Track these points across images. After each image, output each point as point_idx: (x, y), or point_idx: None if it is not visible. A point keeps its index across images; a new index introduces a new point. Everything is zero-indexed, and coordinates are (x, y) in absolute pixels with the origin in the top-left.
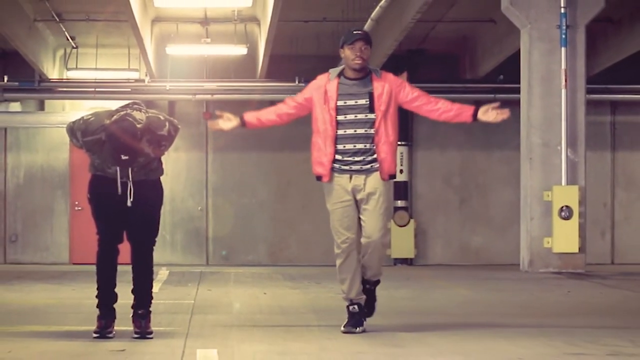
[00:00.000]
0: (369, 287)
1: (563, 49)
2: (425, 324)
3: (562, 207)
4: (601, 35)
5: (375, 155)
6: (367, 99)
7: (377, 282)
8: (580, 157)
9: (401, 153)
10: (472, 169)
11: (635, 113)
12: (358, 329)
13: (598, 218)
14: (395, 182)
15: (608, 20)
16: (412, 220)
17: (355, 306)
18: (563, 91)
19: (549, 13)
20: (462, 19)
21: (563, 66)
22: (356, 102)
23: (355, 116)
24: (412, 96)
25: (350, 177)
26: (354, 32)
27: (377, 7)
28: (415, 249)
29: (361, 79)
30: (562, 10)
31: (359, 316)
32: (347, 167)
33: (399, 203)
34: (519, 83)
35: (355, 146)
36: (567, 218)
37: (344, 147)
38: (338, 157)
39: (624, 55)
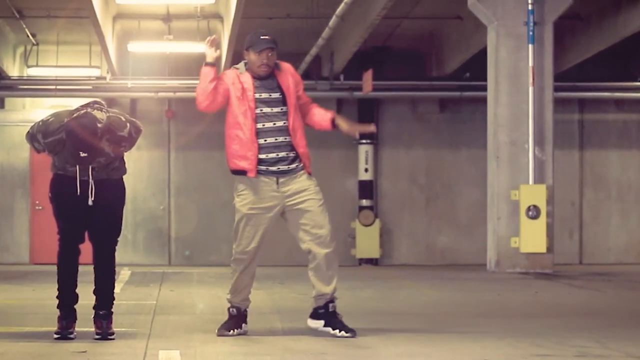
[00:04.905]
0: (332, 305)
1: (530, 46)
2: (391, 325)
3: (530, 206)
4: (569, 32)
5: (294, 151)
6: (280, 93)
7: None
8: (548, 155)
9: (366, 152)
10: (438, 167)
11: (603, 111)
12: (234, 331)
13: (566, 218)
14: (361, 181)
15: (576, 17)
16: (377, 220)
17: (234, 309)
18: (530, 89)
19: (516, 9)
20: (428, 16)
21: (530, 63)
22: (270, 95)
23: (272, 109)
24: (303, 97)
25: (277, 181)
26: (262, 37)
27: (342, 4)
28: (380, 249)
29: (267, 77)
30: (530, 7)
31: (237, 319)
32: (274, 168)
33: (364, 202)
34: (486, 81)
35: (276, 139)
36: (534, 218)
37: (265, 141)
38: (261, 155)
39: (592, 52)
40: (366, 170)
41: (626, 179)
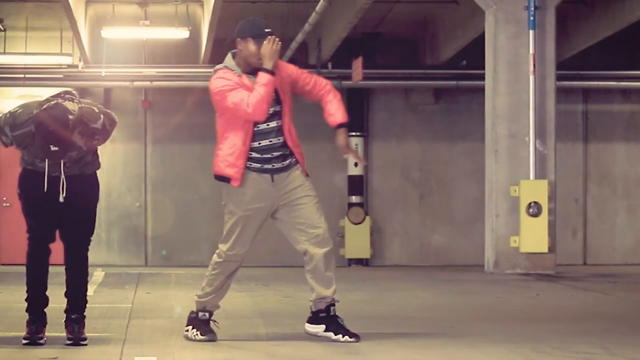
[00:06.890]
0: (333, 308)
1: (531, 31)
2: (382, 330)
3: (530, 203)
4: (573, 17)
5: (289, 150)
6: (274, 92)
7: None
8: (549, 149)
9: (356, 144)
10: (433, 161)
11: (609, 101)
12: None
13: (569, 215)
14: (350, 177)
15: (580, 1)
16: (367, 218)
17: (207, 314)
18: (531, 78)
19: None
20: (421, 0)
21: (531, 50)
22: None
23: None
24: (308, 80)
25: (272, 178)
26: (266, 30)
27: None
28: (371, 249)
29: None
30: None
31: (207, 323)
32: (268, 166)
33: (354, 199)
34: (484, 69)
35: (271, 141)
36: (535, 215)
37: (259, 144)
38: (256, 155)
39: (597, 38)
40: (356, 164)
41: (633, 174)
